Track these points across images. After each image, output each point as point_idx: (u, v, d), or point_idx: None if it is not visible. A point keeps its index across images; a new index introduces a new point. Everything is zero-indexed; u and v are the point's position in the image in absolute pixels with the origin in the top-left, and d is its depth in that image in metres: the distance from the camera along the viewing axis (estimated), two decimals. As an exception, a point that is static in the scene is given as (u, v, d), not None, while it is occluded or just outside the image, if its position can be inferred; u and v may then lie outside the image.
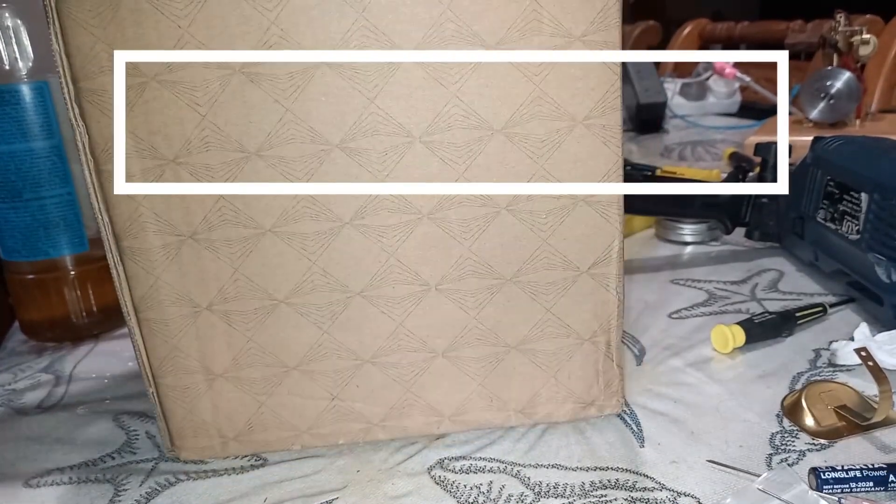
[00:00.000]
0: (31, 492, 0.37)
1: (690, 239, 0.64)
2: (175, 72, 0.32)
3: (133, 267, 0.34)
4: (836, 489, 0.31)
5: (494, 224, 0.34)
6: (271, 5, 0.31)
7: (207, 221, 0.34)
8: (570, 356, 0.37)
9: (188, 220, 0.34)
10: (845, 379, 0.41)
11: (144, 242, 0.34)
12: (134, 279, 0.35)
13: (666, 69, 1.39)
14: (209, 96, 0.32)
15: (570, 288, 0.36)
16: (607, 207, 0.35)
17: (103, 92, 0.32)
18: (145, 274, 0.35)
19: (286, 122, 0.32)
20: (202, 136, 0.32)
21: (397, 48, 0.32)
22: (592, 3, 0.32)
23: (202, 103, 0.32)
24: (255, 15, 0.31)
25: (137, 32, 0.31)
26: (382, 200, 0.34)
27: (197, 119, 0.32)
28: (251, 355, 0.36)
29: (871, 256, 0.44)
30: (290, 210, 0.34)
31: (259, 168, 0.33)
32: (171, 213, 0.34)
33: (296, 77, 0.32)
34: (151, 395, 0.37)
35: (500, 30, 0.32)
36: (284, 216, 0.34)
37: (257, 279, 0.35)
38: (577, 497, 0.33)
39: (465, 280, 0.35)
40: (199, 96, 0.32)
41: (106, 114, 0.32)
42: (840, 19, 0.84)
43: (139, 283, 0.35)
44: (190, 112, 0.32)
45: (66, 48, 0.31)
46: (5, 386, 0.49)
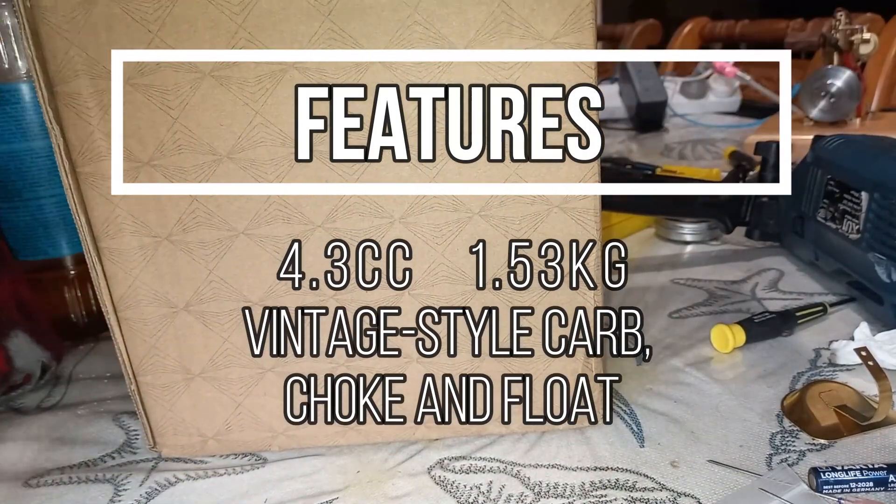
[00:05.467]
0: (31, 492, 0.37)
1: (690, 238, 0.64)
2: (147, 75, 0.32)
3: (111, 267, 0.35)
4: (836, 489, 0.31)
5: (467, 230, 0.34)
6: (238, 9, 0.31)
7: (182, 223, 0.34)
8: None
9: (163, 222, 0.34)
10: (845, 379, 0.41)
11: (121, 243, 0.34)
12: (113, 279, 0.35)
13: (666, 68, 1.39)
14: (180, 99, 0.32)
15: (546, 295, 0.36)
16: (583, 214, 0.34)
17: (78, 95, 0.32)
18: (123, 274, 0.35)
19: (256, 125, 0.33)
20: (175, 138, 0.33)
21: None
22: (564, 3, 0.31)
23: (174, 106, 0.32)
24: (222, 19, 0.31)
25: (110, 37, 0.31)
26: (353, 204, 0.34)
27: (169, 122, 0.32)
28: (228, 356, 0.36)
29: (872, 256, 0.44)
30: (263, 212, 0.34)
31: (231, 170, 0.33)
32: (147, 214, 0.34)
33: (264, 80, 0.32)
34: (132, 392, 0.37)
35: (468, 32, 0.32)
36: (257, 219, 0.34)
37: (231, 281, 0.35)
38: (577, 497, 0.33)
39: (438, 286, 0.35)
40: (171, 99, 0.32)
41: (81, 117, 0.32)
42: (840, 18, 0.84)
43: (118, 283, 0.35)
44: (162, 115, 0.32)
45: (41, 53, 0.31)
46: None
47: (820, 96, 0.85)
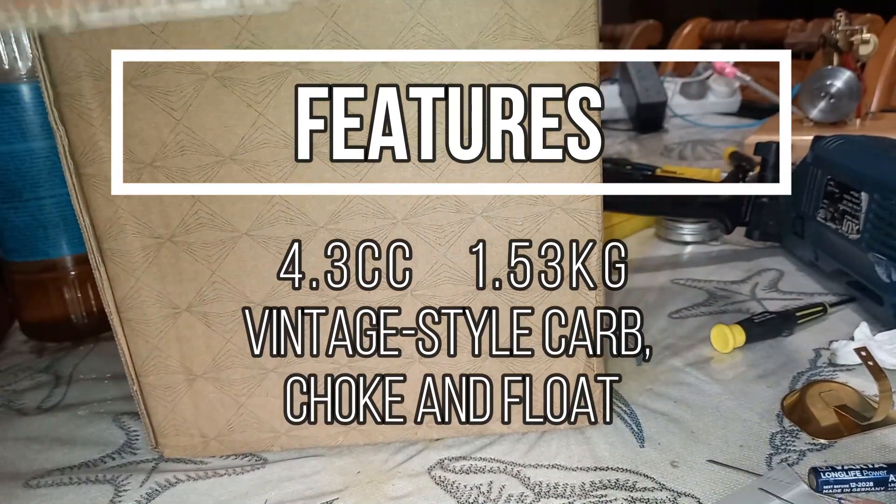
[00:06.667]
0: (31, 492, 0.37)
1: (690, 239, 0.64)
2: (149, 76, 0.32)
3: (114, 268, 0.35)
4: (836, 489, 0.31)
5: (469, 230, 0.34)
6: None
7: (184, 224, 0.34)
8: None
9: (166, 223, 0.34)
10: (845, 379, 0.41)
11: (124, 244, 0.34)
12: (115, 280, 0.35)
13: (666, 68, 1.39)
14: (183, 101, 0.32)
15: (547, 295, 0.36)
16: (585, 215, 0.34)
17: (80, 96, 0.32)
18: (126, 275, 0.35)
19: (259, 126, 0.33)
20: (177, 140, 0.33)
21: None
22: (567, 5, 0.31)
23: (177, 108, 0.32)
24: (225, 20, 0.31)
25: (112, 38, 0.31)
26: (356, 205, 0.34)
27: (172, 123, 0.32)
28: (230, 357, 0.36)
29: (871, 256, 0.44)
30: (266, 214, 0.34)
31: (234, 172, 0.33)
32: (149, 215, 0.34)
33: (267, 82, 0.32)
34: (135, 393, 0.37)
35: (471, 34, 0.32)
36: (260, 220, 0.34)
37: (234, 282, 0.35)
38: (577, 497, 0.33)
39: (441, 287, 0.35)
40: (174, 101, 0.32)
41: (83, 118, 0.32)
42: (840, 18, 0.84)
43: (120, 283, 0.35)
44: (165, 116, 0.32)
45: (44, 53, 0.31)
46: (5, 386, 0.49)
47: (820, 97, 0.85)
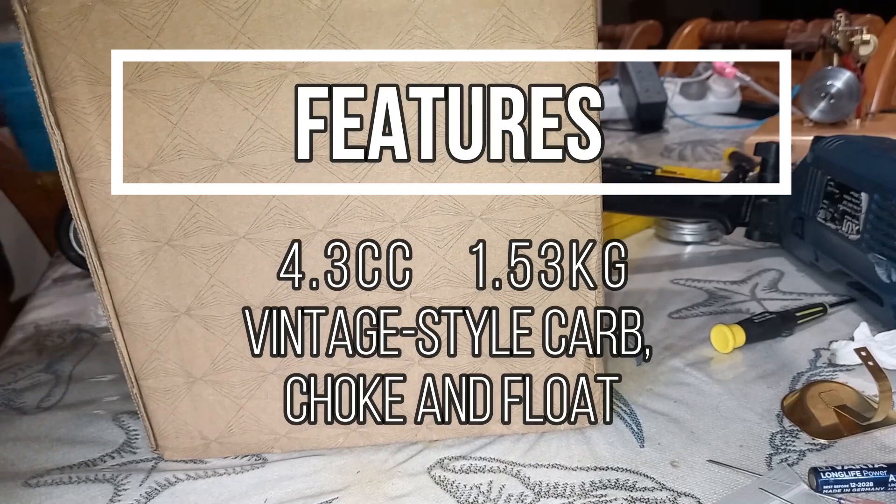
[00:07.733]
0: (31, 492, 0.37)
1: (690, 239, 0.64)
2: (145, 81, 0.32)
3: (112, 272, 0.35)
4: (836, 489, 0.31)
5: (468, 233, 0.34)
6: (237, 14, 0.31)
7: (182, 228, 0.34)
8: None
9: (163, 227, 0.34)
10: (845, 379, 0.41)
11: (122, 248, 0.34)
12: (113, 283, 0.35)
13: (666, 69, 1.39)
14: (180, 105, 0.32)
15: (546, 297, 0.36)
16: (584, 217, 0.34)
17: (76, 101, 0.32)
18: (124, 279, 0.35)
19: (256, 129, 0.33)
20: (174, 144, 0.33)
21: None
22: (565, 7, 0.31)
23: (173, 112, 0.32)
24: (221, 24, 0.31)
25: (107, 43, 0.31)
26: (355, 208, 0.34)
27: (169, 127, 0.32)
28: (229, 359, 0.36)
29: (871, 256, 0.44)
30: (264, 217, 0.34)
31: (231, 175, 0.33)
32: (147, 219, 0.34)
33: (264, 85, 0.32)
34: (134, 395, 0.37)
35: (469, 36, 0.31)
36: (258, 223, 0.34)
37: (232, 285, 0.35)
38: (577, 497, 0.33)
39: (440, 289, 0.35)
40: (170, 105, 0.32)
41: (79, 122, 0.32)
42: (840, 19, 0.84)
43: (118, 287, 0.35)
44: (162, 120, 0.32)
45: (39, 59, 0.31)
46: (5, 385, 0.49)
47: (820, 97, 0.85)
